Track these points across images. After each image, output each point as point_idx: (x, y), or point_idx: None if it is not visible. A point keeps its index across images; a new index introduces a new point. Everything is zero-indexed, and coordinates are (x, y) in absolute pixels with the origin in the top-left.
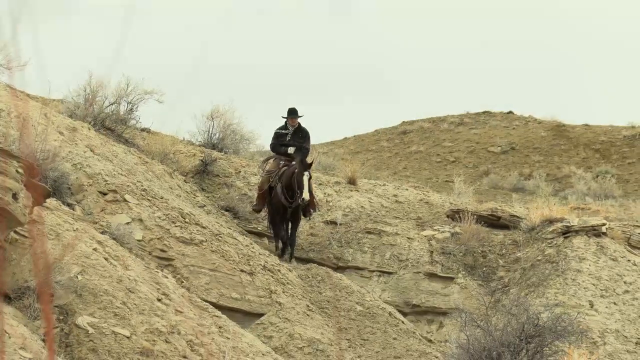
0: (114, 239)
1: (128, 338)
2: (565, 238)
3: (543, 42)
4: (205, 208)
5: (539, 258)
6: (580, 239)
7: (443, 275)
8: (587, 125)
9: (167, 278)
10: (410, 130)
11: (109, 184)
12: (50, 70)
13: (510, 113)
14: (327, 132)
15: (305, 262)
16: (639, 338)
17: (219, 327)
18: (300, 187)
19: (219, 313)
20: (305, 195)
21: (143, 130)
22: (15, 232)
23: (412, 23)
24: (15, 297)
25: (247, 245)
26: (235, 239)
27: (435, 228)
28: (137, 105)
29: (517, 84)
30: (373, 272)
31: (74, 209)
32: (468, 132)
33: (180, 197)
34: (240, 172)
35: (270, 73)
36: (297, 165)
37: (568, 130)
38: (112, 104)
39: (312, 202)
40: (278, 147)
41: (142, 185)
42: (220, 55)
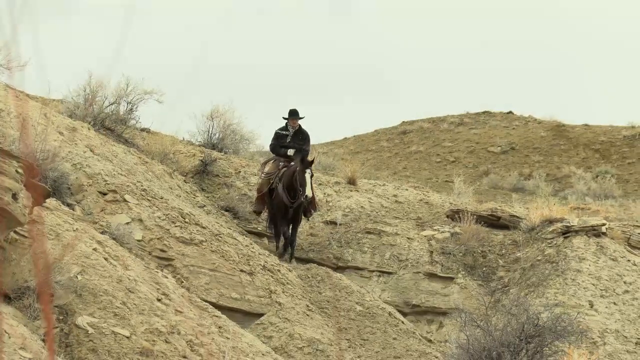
0: (114, 239)
1: (128, 338)
2: (565, 238)
3: (543, 42)
4: (205, 208)
5: (539, 258)
6: (580, 239)
7: (443, 275)
8: (587, 125)
9: (167, 278)
10: (410, 130)
11: (109, 184)
12: (50, 70)
13: (510, 113)
14: (327, 132)
15: (305, 262)
16: (639, 338)
17: (219, 327)
18: (303, 184)
19: (219, 313)
20: (308, 192)
21: (143, 130)
22: (15, 232)
23: (412, 23)
24: (15, 297)
25: (247, 245)
26: (235, 239)
27: (435, 228)
28: (137, 105)
29: (517, 84)
30: (373, 272)
31: (74, 209)
32: (468, 132)
33: (180, 197)
34: (240, 172)
35: (270, 73)
36: (297, 164)
37: (568, 130)
38: (112, 104)
39: (312, 202)
40: (278, 148)
41: (142, 185)
42: (220, 55)
